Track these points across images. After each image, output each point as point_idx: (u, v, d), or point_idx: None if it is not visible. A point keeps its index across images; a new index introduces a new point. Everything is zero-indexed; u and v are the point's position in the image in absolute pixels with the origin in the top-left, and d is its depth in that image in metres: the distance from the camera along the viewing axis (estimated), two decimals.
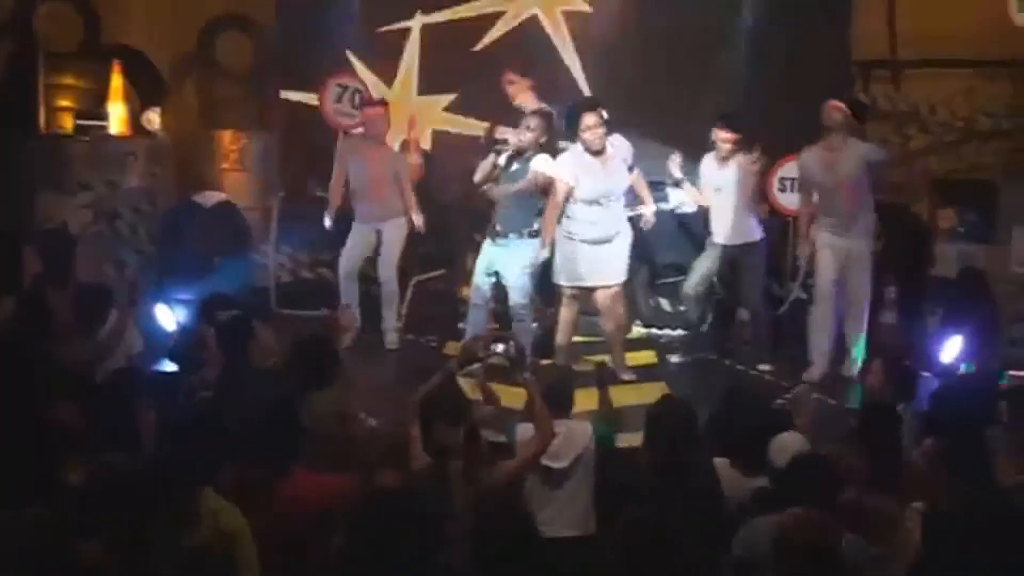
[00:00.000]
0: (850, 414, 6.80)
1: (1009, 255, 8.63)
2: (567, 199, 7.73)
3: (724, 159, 8.31)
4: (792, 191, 9.16)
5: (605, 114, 7.74)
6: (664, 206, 9.15)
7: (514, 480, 5.24)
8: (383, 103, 8.67)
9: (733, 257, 8.47)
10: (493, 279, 8.00)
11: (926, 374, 8.03)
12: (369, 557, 3.97)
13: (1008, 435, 5.63)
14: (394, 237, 8.50)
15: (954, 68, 9.70)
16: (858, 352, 8.27)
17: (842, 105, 8.20)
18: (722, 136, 8.27)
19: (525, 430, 5.47)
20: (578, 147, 7.77)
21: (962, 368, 8.00)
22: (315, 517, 4.64)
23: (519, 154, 7.83)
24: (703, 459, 5.38)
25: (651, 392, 6.92)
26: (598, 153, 7.71)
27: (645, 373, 8.27)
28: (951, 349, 8.07)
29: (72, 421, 5.27)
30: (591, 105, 7.80)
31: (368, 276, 8.71)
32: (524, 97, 8.80)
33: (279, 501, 4.88)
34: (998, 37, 9.07)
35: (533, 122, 7.86)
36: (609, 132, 7.80)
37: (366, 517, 4.12)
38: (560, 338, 7.98)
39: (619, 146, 7.87)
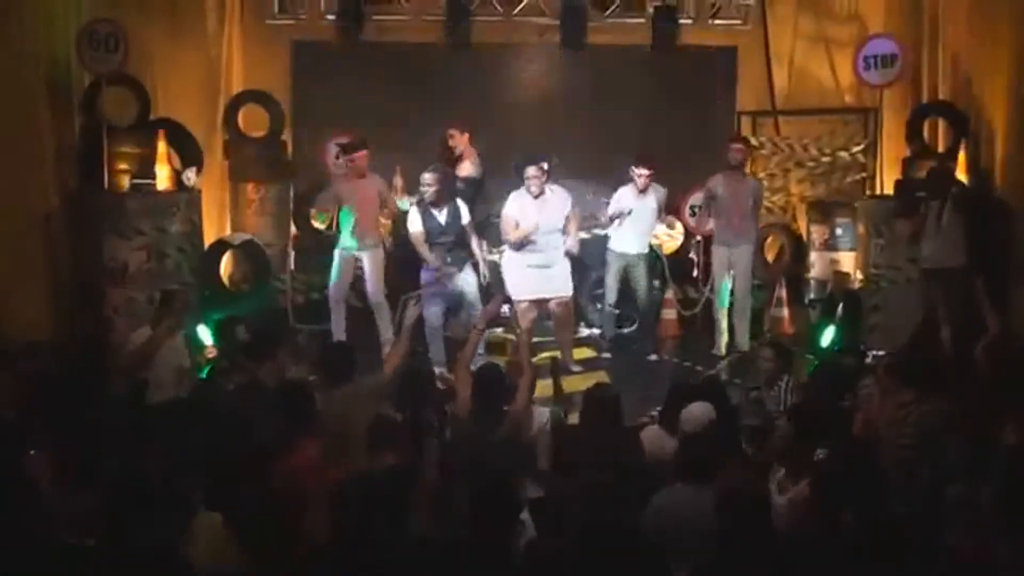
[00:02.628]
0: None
1: (867, 260, 8.70)
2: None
3: (642, 191, 8.50)
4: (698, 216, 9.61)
5: (546, 166, 7.90)
6: (599, 231, 9.39)
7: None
8: (365, 146, 8.50)
9: (633, 263, 8.65)
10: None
11: (809, 356, 8.50)
12: (362, 531, 3.84)
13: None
14: (373, 264, 8.38)
15: (820, 115, 9.97)
16: (746, 335, 8.57)
17: (742, 146, 8.63)
18: (639, 171, 8.46)
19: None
20: (523, 190, 7.96)
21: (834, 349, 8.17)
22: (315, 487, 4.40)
23: (423, 203, 7.91)
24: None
25: (596, 380, 6.96)
26: (537, 196, 7.92)
27: (590, 364, 8.42)
28: (827, 336, 8.41)
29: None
30: (533, 160, 7.91)
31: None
32: (463, 147, 9.01)
33: (283, 472, 4.61)
34: (851, 90, 9.46)
35: (427, 178, 7.90)
36: (550, 180, 7.98)
37: (360, 493, 4.02)
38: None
39: (557, 192, 8.02)
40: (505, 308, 7.08)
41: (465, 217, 8.05)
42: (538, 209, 7.93)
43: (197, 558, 3.89)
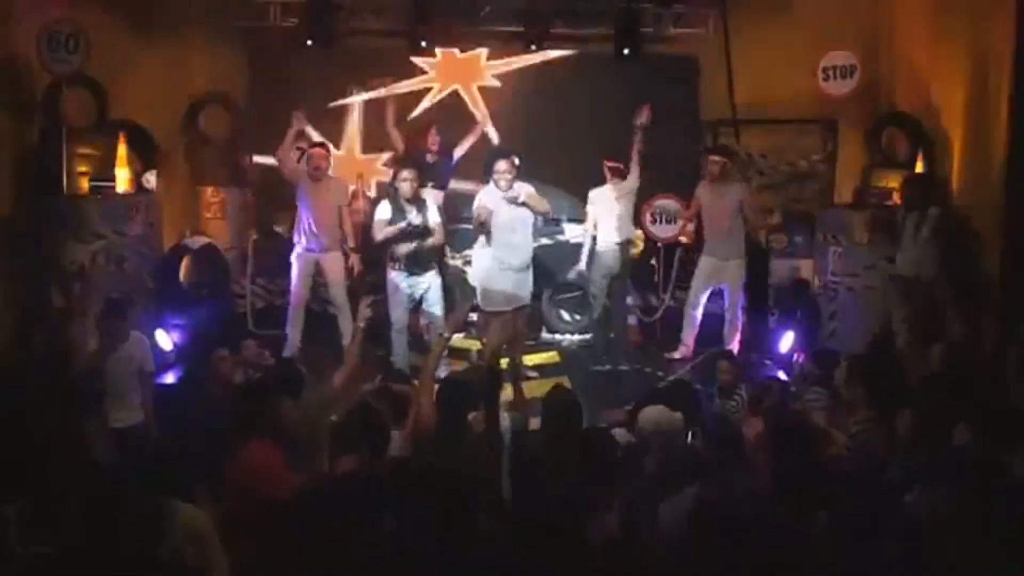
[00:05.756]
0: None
1: (826, 267, 8.79)
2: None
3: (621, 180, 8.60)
4: (661, 222, 9.63)
5: (517, 161, 7.78)
6: (561, 237, 9.63)
7: None
8: (324, 145, 8.53)
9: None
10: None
11: (767, 361, 8.63)
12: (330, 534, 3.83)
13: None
14: (333, 268, 8.39)
15: (779, 124, 10.04)
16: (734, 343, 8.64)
17: (719, 158, 8.71)
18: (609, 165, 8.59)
19: None
20: (491, 186, 7.71)
21: (794, 356, 8.36)
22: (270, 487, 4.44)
23: (396, 196, 7.87)
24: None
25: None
26: (507, 191, 7.69)
27: (552, 370, 8.48)
28: (786, 341, 8.60)
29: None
30: (504, 154, 7.76)
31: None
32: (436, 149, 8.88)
33: (238, 472, 4.68)
34: (811, 100, 9.47)
35: (405, 173, 7.86)
36: (517, 179, 7.84)
37: (323, 497, 4.00)
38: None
39: (524, 187, 7.82)
40: (473, 316, 7.05)
41: (435, 218, 8.02)
42: (508, 205, 7.76)
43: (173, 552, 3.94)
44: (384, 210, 7.91)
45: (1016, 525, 3.79)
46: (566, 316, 9.61)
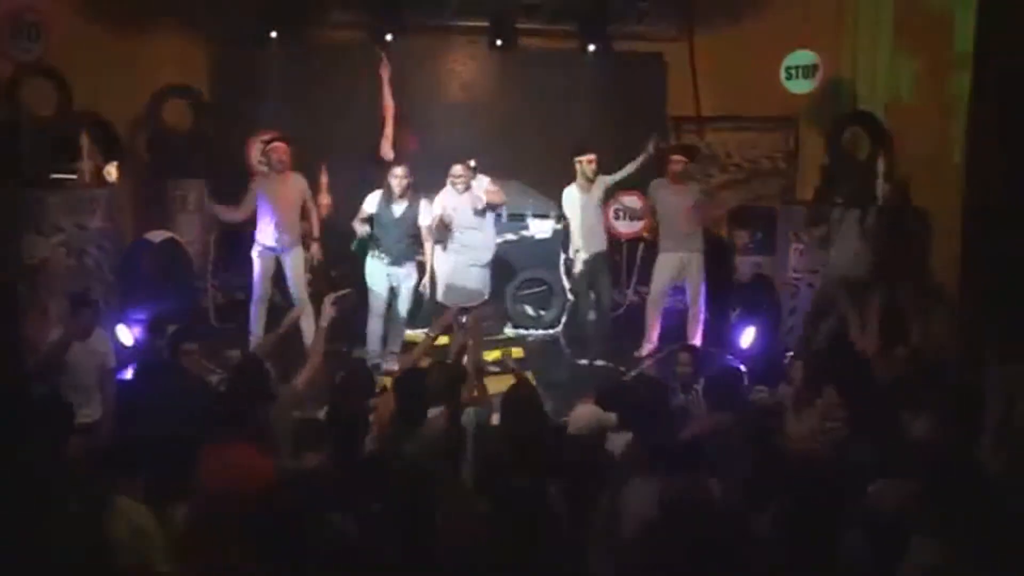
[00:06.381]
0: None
1: (787, 264, 8.94)
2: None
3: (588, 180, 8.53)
4: (625, 218, 9.76)
5: (472, 163, 8.04)
6: (525, 233, 9.63)
7: None
8: (284, 139, 8.36)
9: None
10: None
11: (729, 356, 8.65)
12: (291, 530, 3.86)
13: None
14: (294, 263, 8.30)
15: (743, 122, 10.18)
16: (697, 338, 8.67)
17: (681, 157, 8.71)
18: (587, 158, 8.49)
19: None
20: (449, 187, 8.07)
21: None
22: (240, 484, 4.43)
23: (389, 193, 7.92)
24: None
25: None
26: (463, 193, 8.02)
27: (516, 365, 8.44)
28: (747, 337, 8.65)
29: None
30: (460, 160, 8.06)
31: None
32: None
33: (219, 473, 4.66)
34: (773, 99, 9.61)
35: (398, 171, 7.96)
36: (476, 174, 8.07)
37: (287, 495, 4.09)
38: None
39: (481, 180, 8.09)
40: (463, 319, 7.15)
41: (424, 218, 8.08)
42: (466, 204, 8.02)
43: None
44: (371, 202, 7.99)
45: (976, 517, 3.85)
46: (530, 311, 9.64)
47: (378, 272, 8.14)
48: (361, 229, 8.04)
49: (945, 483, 3.88)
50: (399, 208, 8.02)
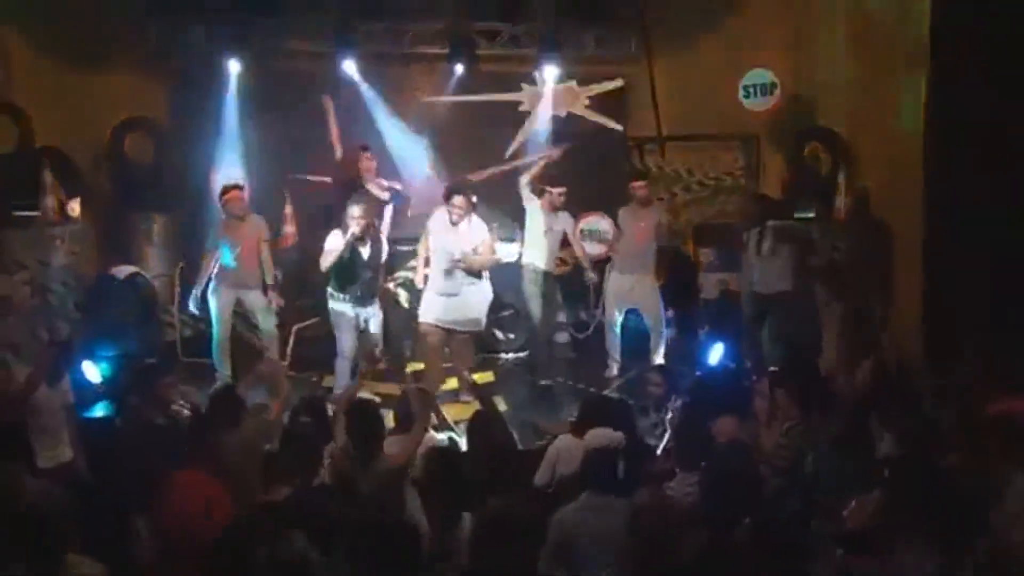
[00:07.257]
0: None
1: (750, 280, 8.75)
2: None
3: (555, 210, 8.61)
4: (591, 240, 9.68)
5: (474, 199, 8.04)
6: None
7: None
8: (237, 187, 8.30)
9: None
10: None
11: (699, 373, 8.71)
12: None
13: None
14: (256, 303, 8.27)
15: (703, 141, 10.24)
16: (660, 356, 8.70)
17: (642, 183, 8.79)
18: (558, 190, 8.52)
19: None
20: (444, 212, 7.95)
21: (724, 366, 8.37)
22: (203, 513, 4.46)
23: (351, 237, 7.75)
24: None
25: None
26: (456, 224, 7.93)
27: (486, 389, 8.19)
28: (715, 354, 8.58)
29: None
30: (462, 189, 8.00)
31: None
32: (371, 171, 8.99)
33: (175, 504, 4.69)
34: (732, 118, 9.70)
35: (355, 211, 7.72)
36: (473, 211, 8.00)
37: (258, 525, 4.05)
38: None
39: (476, 224, 8.04)
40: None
41: (384, 253, 8.06)
42: (455, 237, 7.93)
43: None
44: (335, 240, 7.82)
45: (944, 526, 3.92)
46: (500, 335, 9.62)
47: (346, 315, 7.97)
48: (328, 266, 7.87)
49: (913, 493, 3.92)
50: (366, 250, 7.90)
